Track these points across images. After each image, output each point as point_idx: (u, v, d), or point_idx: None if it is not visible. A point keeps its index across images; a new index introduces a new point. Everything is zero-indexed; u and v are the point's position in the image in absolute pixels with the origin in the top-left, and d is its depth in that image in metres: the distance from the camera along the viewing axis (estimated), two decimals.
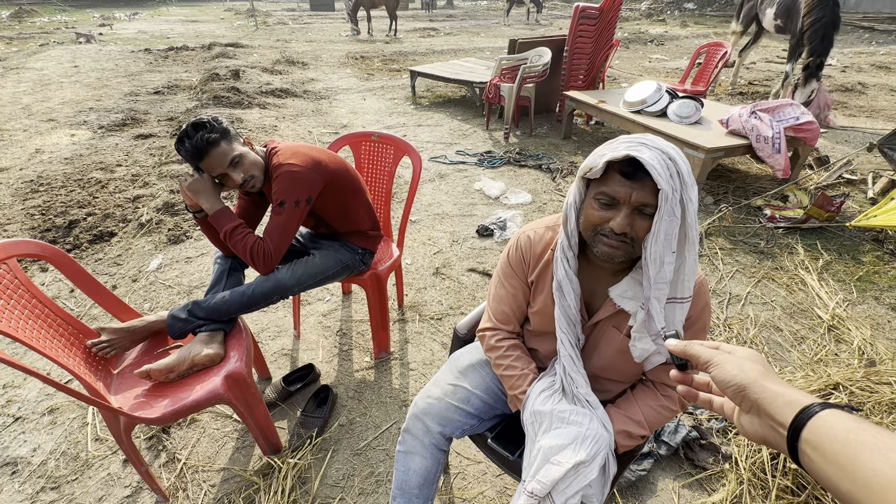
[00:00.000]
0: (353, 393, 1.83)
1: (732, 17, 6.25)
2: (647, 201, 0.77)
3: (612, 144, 0.80)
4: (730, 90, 6.59)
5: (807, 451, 0.43)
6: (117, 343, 1.37)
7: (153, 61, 8.65)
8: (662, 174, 0.73)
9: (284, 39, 11.66)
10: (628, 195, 0.78)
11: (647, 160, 0.73)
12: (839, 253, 2.75)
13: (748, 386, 0.49)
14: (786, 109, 3.31)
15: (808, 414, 0.44)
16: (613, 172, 0.79)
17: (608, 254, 0.83)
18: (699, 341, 0.57)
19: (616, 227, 0.78)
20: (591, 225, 0.83)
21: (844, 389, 1.60)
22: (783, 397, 0.47)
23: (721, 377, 0.52)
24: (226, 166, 1.36)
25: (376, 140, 2.02)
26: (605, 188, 0.80)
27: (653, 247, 0.79)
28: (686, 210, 0.76)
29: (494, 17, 18.61)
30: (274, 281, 1.46)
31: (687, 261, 0.81)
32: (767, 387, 0.48)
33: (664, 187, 0.73)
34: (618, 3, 4.60)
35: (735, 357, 0.53)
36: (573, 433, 0.90)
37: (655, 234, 0.77)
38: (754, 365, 0.51)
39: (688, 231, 0.78)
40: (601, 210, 0.81)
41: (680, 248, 0.80)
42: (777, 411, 0.46)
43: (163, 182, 3.55)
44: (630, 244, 0.82)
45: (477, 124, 5.23)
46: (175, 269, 2.59)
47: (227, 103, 5.53)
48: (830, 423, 0.42)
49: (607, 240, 0.82)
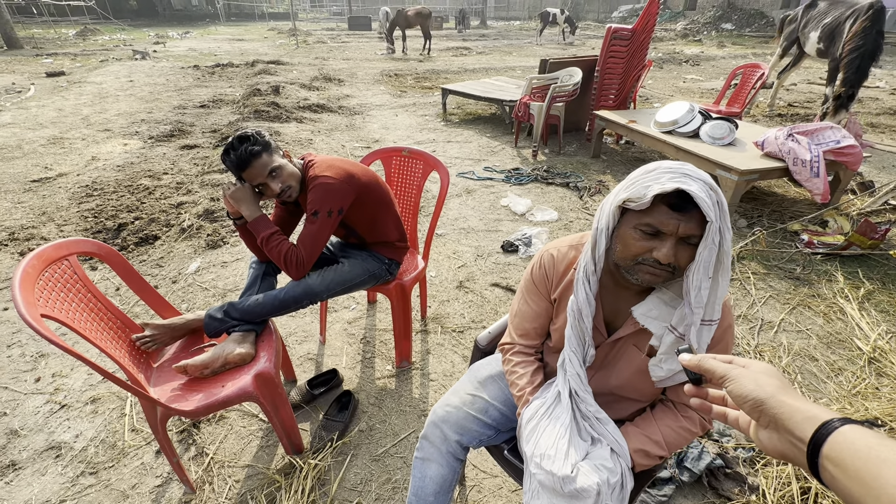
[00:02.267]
0: (373, 400, 1.87)
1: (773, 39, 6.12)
2: (694, 233, 0.79)
3: (653, 174, 0.80)
4: (768, 112, 6.43)
5: (827, 468, 0.43)
6: (159, 338, 1.47)
7: (201, 77, 9.18)
8: (710, 205, 0.75)
9: (323, 57, 12.16)
10: (676, 227, 0.79)
11: (697, 193, 0.74)
12: (883, 282, 2.62)
13: (766, 401, 0.49)
14: (826, 132, 3.21)
15: (828, 429, 0.44)
16: (659, 204, 0.79)
17: (649, 281, 0.85)
18: (712, 355, 0.57)
19: (662, 259, 0.79)
20: (633, 255, 0.84)
21: (884, 425, 1.52)
22: (802, 412, 0.46)
23: (738, 392, 0.52)
24: (266, 176, 1.45)
25: (407, 155, 2.10)
26: (651, 219, 0.80)
27: (695, 275, 0.80)
28: (724, 238, 0.78)
29: (527, 36, 18.85)
30: (304, 286, 1.53)
31: (720, 285, 0.82)
32: (785, 401, 0.48)
33: (712, 219, 0.75)
34: (650, 24, 4.61)
35: (751, 371, 0.52)
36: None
37: (698, 263, 0.79)
38: (771, 379, 0.51)
39: (723, 258, 0.79)
40: (643, 240, 0.82)
41: (714, 273, 0.81)
42: (796, 426, 0.46)
43: (204, 190, 3.75)
44: (671, 272, 0.83)
45: (506, 142, 5.29)
46: (212, 273, 2.72)
47: (266, 117, 5.80)
48: (851, 438, 0.42)
49: (650, 268, 0.83)
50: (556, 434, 0.93)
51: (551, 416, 0.97)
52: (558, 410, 0.98)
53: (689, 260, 0.82)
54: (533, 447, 0.93)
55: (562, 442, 0.91)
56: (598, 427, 0.96)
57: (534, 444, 0.94)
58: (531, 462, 0.92)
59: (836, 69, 4.81)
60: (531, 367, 1.10)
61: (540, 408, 1.00)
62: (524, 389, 1.05)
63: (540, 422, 0.97)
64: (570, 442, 0.92)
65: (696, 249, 0.80)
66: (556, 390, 1.01)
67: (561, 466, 0.87)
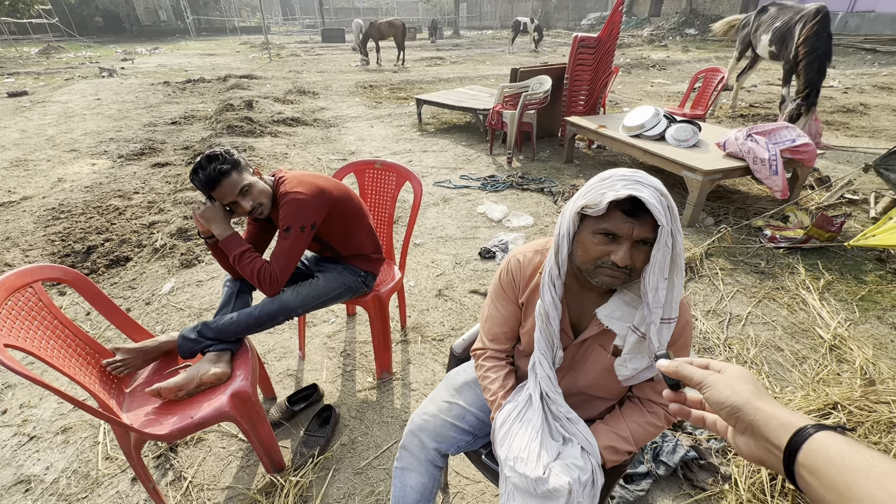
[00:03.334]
0: (355, 413, 1.86)
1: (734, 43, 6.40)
2: (647, 236, 0.83)
3: (608, 182, 0.84)
4: (731, 113, 6.69)
5: (803, 475, 0.43)
6: (130, 362, 1.44)
7: (171, 93, 9.04)
8: (662, 211, 0.79)
9: (296, 70, 12.13)
10: (630, 231, 0.83)
11: (648, 199, 0.79)
12: (841, 273, 2.75)
13: (742, 407, 0.50)
14: (782, 132, 3.37)
15: (802, 437, 0.44)
16: (614, 210, 0.84)
17: (609, 284, 0.89)
18: (688, 359, 0.59)
19: (619, 261, 0.84)
20: (592, 258, 0.88)
21: (843, 409, 1.60)
22: (777, 419, 0.47)
23: (714, 398, 0.52)
24: (236, 195, 1.45)
25: (379, 168, 2.12)
26: (607, 225, 0.85)
27: (650, 276, 0.84)
28: (675, 240, 0.82)
29: (500, 45, 19.17)
30: (279, 303, 1.53)
31: (675, 285, 0.86)
32: (761, 408, 0.49)
33: (663, 223, 0.79)
34: (615, 33, 4.76)
35: (727, 377, 0.53)
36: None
37: (653, 265, 0.84)
38: (746, 385, 0.52)
39: (676, 259, 0.84)
40: (601, 244, 0.86)
41: (669, 274, 0.85)
42: (772, 433, 0.47)
43: (177, 208, 3.69)
44: (629, 274, 0.87)
45: (481, 150, 5.36)
46: (186, 293, 2.68)
47: (240, 132, 5.75)
48: (825, 446, 0.42)
49: (609, 271, 0.87)
50: (528, 437, 0.96)
51: (523, 419, 1.00)
52: (530, 413, 1.01)
53: (645, 262, 0.86)
54: (506, 451, 0.96)
55: (533, 444, 0.94)
56: (569, 427, 0.99)
57: (507, 447, 0.96)
58: (505, 465, 0.94)
59: (791, 71, 5.06)
60: (502, 371, 1.13)
61: (512, 411, 1.02)
62: (496, 394, 1.08)
63: (512, 425, 0.99)
64: (542, 444, 0.94)
65: (650, 252, 0.85)
66: (528, 393, 1.04)
67: (533, 468, 0.89)
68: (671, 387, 0.62)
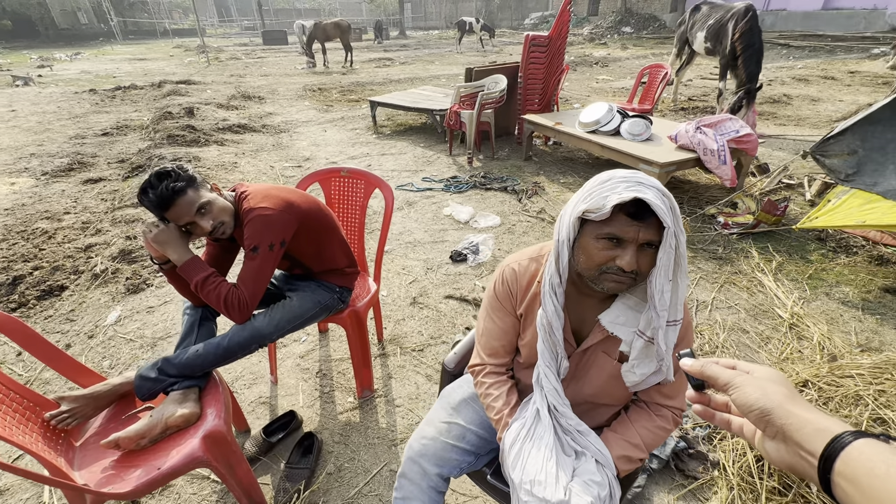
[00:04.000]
0: (338, 437, 1.76)
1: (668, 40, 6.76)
2: (652, 239, 0.80)
3: (609, 184, 0.81)
4: (672, 107, 7.05)
5: (841, 484, 0.41)
6: (79, 412, 1.27)
7: (100, 101, 8.33)
8: (666, 211, 0.76)
9: (238, 74, 11.55)
10: (636, 234, 0.80)
11: (652, 200, 0.76)
12: (789, 254, 2.94)
13: (772, 411, 0.47)
14: (726, 124, 3.56)
15: (840, 444, 0.41)
16: (618, 213, 0.80)
17: (614, 289, 0.85)
18: (715, 359, 0.55)
19: (626, 266, 0.80)
20: (597, 264, 0.84)
21: (813, 386, 1.69)
22: (812, 424, 0.44)
23: (742, 401, 0.49)
24: (193, 214, 1.31)
25: (346, 175, 2.02)
26: (611, 229, 0.81)
27: (657, 280, 0.82)
28: (679, 241, 0.80)
29: (447, 45, 19.22)
30: (251, 329, 1.40)
31: (680, 286, 0.84)
32: (794, 412, 0.46)
33: (669, 224, 0.77)
34: (564, 31, 4.86)
35: (756, 378, 0.50)
36: None
37: (659, 268, 0.81)
38: (778, 387, 0.48)
39: (680, 260, 0.82)
40: (606, 249, 0.83)
41: (674, 276, 0.83)
42: (805, 439, 0.44)
43: (117, 228, 3.37)
44: (634, 279, 0.84)
45: (440, 150, 5.31)
46: (136, 321, 2.44)
47: (182, 142, 5.37)
48: (867, 454, 0.40)
49: (615, 276, 0.84)
50: (542, 457, 0.91)
51: (533, 437, 0.96)
52: (540, 430, 0.96)
53: (650, 265, 0.84)
54: (520, 473, 0.91)
55: (549, 464, 0.90)
56: (580, 440, 0.96)
57: (520, 469, 0.91)
58: (520, 489, 0.89)
59: (727, 66, 5.39)
60: (505, 386, 1.07)
61: (521, 430, 0.97)
62: (501, 412, 1.03)
63: (524, 445, 0.95)
64: (558, 463, 0.90)
65: (655, 255, 0.82)
66: (535, 408, 0.99)
67: (553, 492, 0.85)
68: (695, 387, 0.58)
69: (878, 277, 2.65)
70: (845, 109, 6.28)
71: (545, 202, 3.85)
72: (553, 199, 3.94)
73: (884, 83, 8.08)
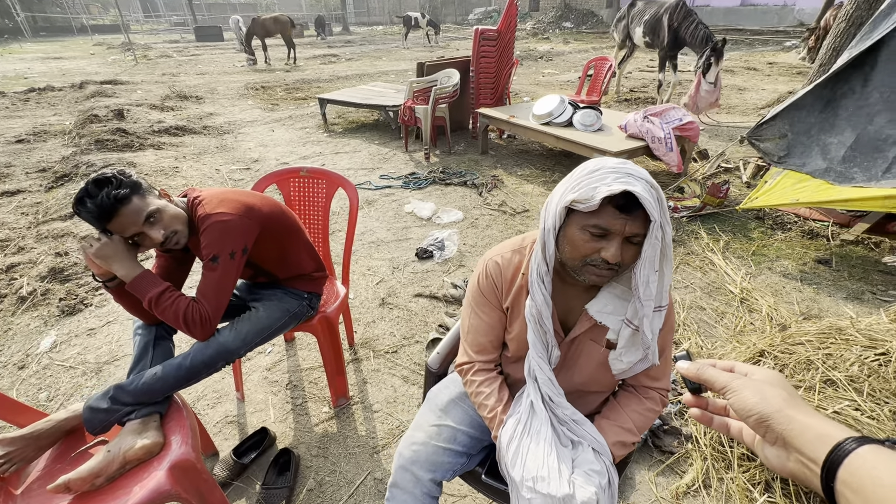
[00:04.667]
0: (316, 451, 1.67)
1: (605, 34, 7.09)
2: (639, 231, 0.80)
3: (598, 175, 0.79)
4: (616, 98, 7.34)
5: (846, 494, 0.39)
6: (17, 456, 1.11)
7: (10, 105, 7.49)
8: (654, 205, 0.76)
9: (171, 73, 10.79)
10: (623, 227, 0.79)
11: (641, 193, 0.75)
12: (734, 233, 3.14)
13: (772, 416, 0.45)
14: (670, 112, 3.74)
15: (843, 451, 0.40)
16: (606, 205, 0.79)
17: (595, 281, 0.85)
18: (712, 361, 0.54)
19: (611, 259, 0.79)
20: (581, 255, 0.83)
21: (769, 355, 1.81)
22: (813, 429, 0.43)
23: (740, 406, 0.47)
24: (141, 224, 1.19)
25: (306, 175, 1.92)
26: (599, 221, 0.80)
27: (641, 271, 0.81)
28: (665, 232, 0.80)
29: (393, 41, 18.97)
30: (216, 346, 1.29)
31: (665, 275, 0.85)
32: (794, 417, 0.44)
33: (656, 217, 0.76)
34: (512, 25, 4.92)
35: (754, 381, 0.49)
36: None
37: (643, 260, 0.81)
38: (777, 391, 0.47)
39: (666, 250, 0.82)
40: (592, 241, 0.82)
41: (660, 266, 0.83)
42: (806, 446, 0.42)
43: (43, 245, 3.04)
44: (616, 271, 0.84)
45: (396, 147, 5.23)
46: (75, 346, 2.21)
47: (113, 147, 4.94)
48: (872, 463, 0.38)
49: (597, 269, 0.83)
50: (542, 452, 0.90)
51: (530, 431, 0.94)
52: (536, 423, 0.95)
53: (634, 258, 0.84)
54: (521, 470, 0.89)
55: (550, 459, 0.88)
56: (576, 430, 0.95)
57: (521, 467, 0.90)
58: (522, 487, 0.87)
59: (665, 57, 5.70)
60: (496, 383, 1.05)
61: (517, 426, 0.96)
62: (495, 409, 1.01)
63: (521, 441, 0.93)
64: (559, 457, 0.89)
65: (639, 248, 0.82)
66: (529, 401, 0.98)
67: (558, 486, 0.84)
68: (692, 391, 0.56)
69: (810, 250, 2.89)
70: (768, 98, 6.81)
71: (505, 195, 3.88)
72: (512, 191, 3.98)
73: (798, 73, 8.86)
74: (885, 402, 1.49)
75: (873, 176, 2.57)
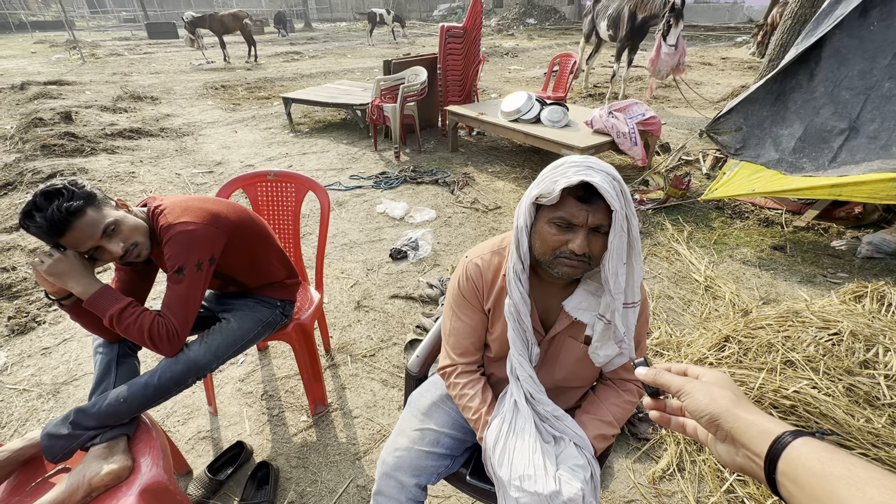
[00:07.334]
0: (296, 461, 1.63)
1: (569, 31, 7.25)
2: (602, 222, 0.81)
3: (560, 170, 0.82)
4: (584, 93, 7.50)
5: (785, 484, 0.43)
6: None
7: None
8: (614, 195, 0.77)
9: (123, 73, 10.25)
10: (585, 218, 0.81)
11: (600, 184, 0.77)
12: (696, 223, 3.27)
13: (720, 415, 0.49)
14: (633, 108, 3.85)
15: (781, 444, 0.44)
16: (568, 197, 0.81)
17: (568, 273, 0.86)
18: (667, 365, 0.58)
19: (577, 249, 0.81)
20: (550, 248, 0.85)
21: (733, 340, 1.89)
22: (756, 426, 0.47)
23: (692, 407, 0.52)
24: (98, 238, 1.12)
25: (273, 179, 1.86)
26: (562, 213, 0.82)
27: (609, 263, 0.83)
28: (630, 224, 0.82)
29: (357, 38, 18.66)
30: (185, 361, 1.23)
31: (635, 269, 0.87)
32: (740, 415, 0.48)
33: (616, 208, 0.78)
34: (478, 22, 4.93)
35: (704, 384, 0.53)
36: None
37: (611, 251, 0.82)
38: (724, 392, 0.51)
39: (633, 243, 0.84)
40: (559, 234, 0.83)
41: (628, 259, 0.85)
42: (751, 441, 0.46)
43: None
44: (588, 262, 0.85)
45: (365, 146, 5.16)
46: (29, 367, 2.07)
47: (61, 152, 4.65)
48: (805, 454, 0.42)
49: (568, 261, 0.84)
50: (527, 449, 0.91)
51: (515, 430, 0.95)
52: (520, 422, 0.96)
53: (602, 249, 0.85)
54: (508, 470, 0.90)
55: (536, 456, 0.89)
56: (558, 425, 0.97)
57: (508, 466, 0.90)
58: (510, 486, 0.88)
59: (622, 48, 5.92)
60: (479, 384, 1.06)
61: (502, 426, 0.96)
62: (479, 411, 1.01)
63: (507, 441, 0.94)
64: (544, 454, 0.90)
65: (607, 239, 0.84)
66: (512, 400, 0.99)
67: (545, 484, 0.85)
68: (651, 395, 0.61)
69: (766, 237, 3.05)
70: (723, 91, 7.11)
71: (477, 192, 3.90)
72: (484, 188, 4.00)
73: (749, 67, 9.28)
74: (839, 380, 1.59)
75: (821, 165, 2.73)
